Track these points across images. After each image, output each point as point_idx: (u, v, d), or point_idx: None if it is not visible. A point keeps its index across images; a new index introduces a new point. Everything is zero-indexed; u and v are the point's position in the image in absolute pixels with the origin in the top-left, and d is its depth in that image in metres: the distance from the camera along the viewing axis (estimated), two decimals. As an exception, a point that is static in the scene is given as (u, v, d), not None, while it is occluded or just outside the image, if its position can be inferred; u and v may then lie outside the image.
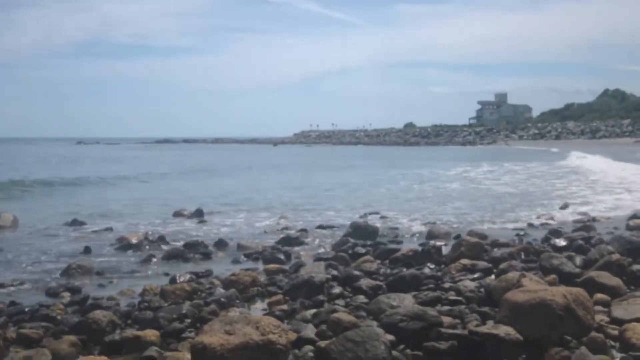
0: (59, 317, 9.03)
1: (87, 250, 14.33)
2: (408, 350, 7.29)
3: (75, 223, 18.37)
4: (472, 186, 32.55)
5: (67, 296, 10.54)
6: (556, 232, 15.18)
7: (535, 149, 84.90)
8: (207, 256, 13.92)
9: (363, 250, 13.47)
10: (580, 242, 13.11)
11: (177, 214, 20.38)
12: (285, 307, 9.49)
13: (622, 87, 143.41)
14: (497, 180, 36.27)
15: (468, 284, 10.00)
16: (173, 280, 11.20)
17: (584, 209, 20.51)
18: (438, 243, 13.74)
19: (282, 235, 16.03)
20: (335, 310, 8.59)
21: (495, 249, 12.81)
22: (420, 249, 12.91)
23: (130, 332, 8.19)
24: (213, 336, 6.52)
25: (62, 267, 12.40)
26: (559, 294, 7.48)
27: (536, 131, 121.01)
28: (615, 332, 7.63)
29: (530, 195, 27.06)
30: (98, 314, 8.60)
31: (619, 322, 7.89)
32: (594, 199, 24.04)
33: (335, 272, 11.12)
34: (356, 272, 10.87)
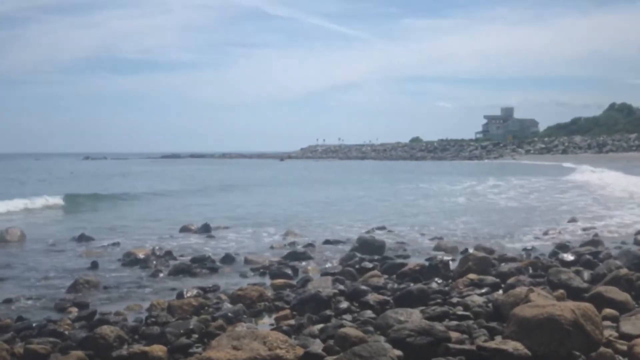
0: (66, 333, 9.03)
1: (94, 266, 14.34)
2: (416, 366, 7.26)
3: (83, 238, 18.39)
4: (478, 201, 32.50)
5: (74, 311, 10.53)
6: (564, 247, 15.13)
7: (543, 164, 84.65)
8: (214, 271, 13.92)
9: (370, 265, 13.46)
10: (588, 256, 13.06)
11: (184, 229, 20.38)
12: (292, 322, 9.47)
13: (629, 101, 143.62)
14: (504, 194, 36.20)
15: (476, 298, 9.97)
16: (180, 296, 11.19)
17: (592, 224, 20.41)
18: (445, 258, 13.70)
19: (289, 250, 16.03)
20: (342, 325, 8.58)
21: (503, 264, 12.78)
22: (427, 263, 12.89)
23: (137, 348, 8.17)
24: (220, 351, 6.52)
25: (69, 283, 12.40)
26: (567, 309, 7.46)
27: (543, 145, 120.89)
28: (624, 347, 7.58)
29: (538, 209, 27.00)
30: (105, 329, 8.60)
31: (627, 337, 7.85)
32: (603, 214, 23.97)
33: (342, 287, 11.11)
34: (363, 287, 10.86)
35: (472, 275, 11.53)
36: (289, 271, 13.54)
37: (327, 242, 17.65)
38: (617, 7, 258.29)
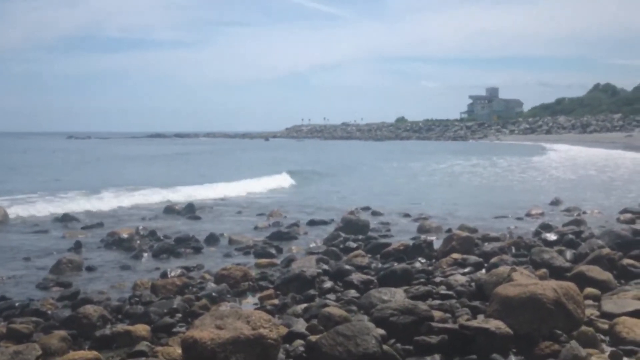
0: (49, 312, 9.02)
1: (77, 245, 14.29)
2: (399, 345, 7.28)
3: (66, 218, 18.31)
4: (463, 180, 32.60)
5: (57, 291, 10.51)
6: (547, 227, 15.21)
7: (526, 144, 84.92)
8: (198, 251, 13.90)
9: (354, 245, 13.49)
10: (570, 236, 13.14)
11: (169, 210, 20.32)
12: (276, 301, 9.49)
13: (613, 81, 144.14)
14: (489, 174, 36.33)
15: (459, 278, 10.02)
16: (164, 275, 11.18)
17: (575, 204, 20.51)
18: (429, 237, 13.77)
19: (273, 230, 16.02)
20: (326, 305, 8.60)
21: (486, 244, 12.82)
22: (411, 243, 12.92)
23: (121, 327, 8.16)
24: (204, 331, 6.50)
25: (52, 263, 12.34)
26: (549, 288, 7.50)
27: (527, 126, 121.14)
28: (606, 326, 7.65)
29: (522, 189, 27.11)
30: (89, 308, 8.58)
31: (609, 316, 7.91)
32: (585, 194, 24.11)
33: (326, 267, 11.12)
34: (347, 267, 10.89)
35: (455, 255, 11.57)
36: (274, 251, 13.55)
37: (311, 222, 17.65)
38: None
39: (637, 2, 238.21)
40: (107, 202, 22.01)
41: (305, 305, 8.99)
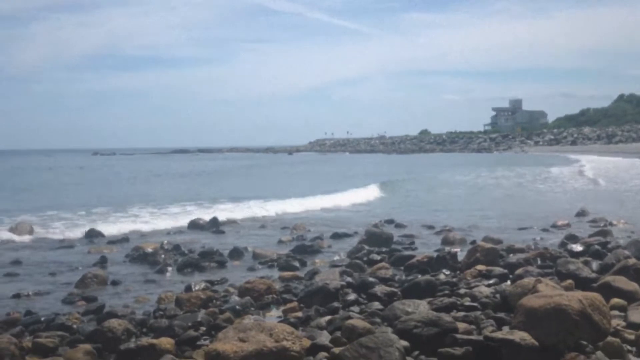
0: (74, 326, 9.06)
1: (103, 260, 14.39)
2: (423, 357, 7.25)
3: (92, 233, 18.44)
4: (487, 192, 32.44)
5: (83, 305, 10.58)
6: (572, 237, 15.08)
7: (552, 155, 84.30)
8: (222, 264, 13.94)
9: (378, 257, 13.47)
10: (596, 247, 13.02)
11: (193, 224, 20.38)
12: (300, 314, 9.48)
13: (638, 92, 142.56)
14: (512, 185, 36.14)
15: (483, 289, 9.96)
16: (188, 289, 11.21)
17: (600, 215, 20.31)
18: (453, 249, 13.70)
19: (297, 244, 16.03)
20: (349, 317, 8.58)
21: (511, 255, 12.77)
22: (435, 255, 12.88)
23: (145, 340, 8.18)
24: (227, 344, 6.52)
25: (78, 277, 12.43)
26: (574, 299, 7.43)
27: (552, 137, 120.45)
28: (632, 337, 7.57)
29: (547, 200, 26.93)
30: (113, 322, 8.62)
31: (635, 326, 7.83)
32: (612, 205, 23.90)
33: (350, 279, 11.11)
34: (371, 279, 10.87)
35: (480, 267, 11.51)
36: (297, 264, 13.56)
37: (335, 235, 17.64)
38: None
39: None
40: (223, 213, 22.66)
41: (328, 317, 8.97)
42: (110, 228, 19.49)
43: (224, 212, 22.83)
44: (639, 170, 44.30)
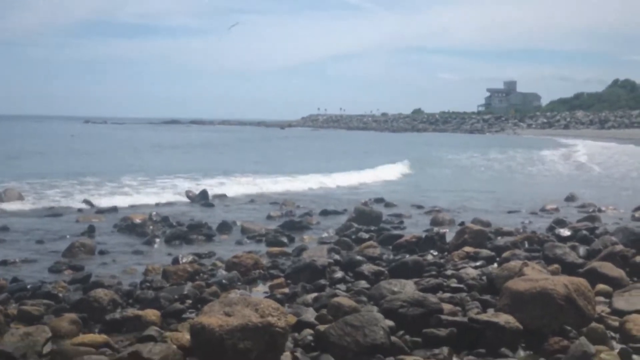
0: (60, 295, 9.06)
1: (91, 229, 14.35)
2: (407, 336, 7.27)
3: (81, 202, 18.39)
4: (479, 174, 32.47)
5: (69, 274, 10.57)
6: (561, 222, 15.11)
7: (544, 138, 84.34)
8: (210, 238, 13.93)
9: (366, 236, 13.48)
10: (584, 232, 13.05)
11: (183, 194, 20.36)
12: (286, 290, 9.50)
13: (632, 77, 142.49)
14: (503, 167, 36.19)
15: (470, 271, 9.98)
16: (176, 261, 11.22)
17: (591, 200, 20.36)
18: (442, 230, 13.74)
19: (286, 219, 16.03)
20: (336, 295, 8.59)
21: (499, 237, 12.79)
22: (423, 235, 12.89)
23: (131, 311, 8.19)
24: (212, 317, 6.51)
25: (65, 246, 12.41)
26: (560, 283, 7.46)
27: (545, 120, 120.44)
28: (616, 324, 7.60)
29: (537, 183, 26.99)
30: (99, 292, 8.61)
31: (620, 313, 7.87)
32: (601, 190, 23.96)
33: (337, 257, 11.12)
34: (359, 257, 10.88)
35: (467, 248, 11.53)
36: (285, 239, 13.55)
37: (324, 212, 17.64)
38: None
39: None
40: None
41: (315, 294, 8.99)
42: (100, 197, 19.45)
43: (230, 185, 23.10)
44: (632, 156, 44.37)
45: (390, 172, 31.11)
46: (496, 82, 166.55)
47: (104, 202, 18.67)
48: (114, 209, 17.46)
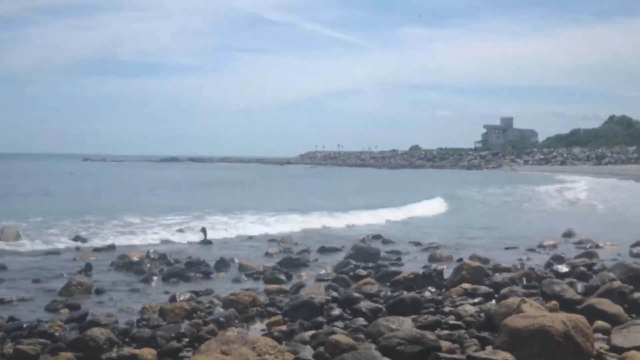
0: (57, 334, 9.02)
1: (88, 268, 14.31)
2: (405, 374, 7.24)
3: (78, 239, 18.36)
4: (477, 209, 32.48)
5: (66, 313, 10.53)
6: (558, 258, 15.12)
7: (541, 175, 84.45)
8: (207, 275, 13.90)
9: (364, 272, 13.45)
10: (582, 268, 13.04)
11: (180, 232, 20.33)
12: (284, 327, 9.47)
13: (629, 113, 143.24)
14: (500, 203, 36.22)
15: (468, 308, 9.96)
16: (173, 299, 11.17)
17: (587, 236, 20.34)
18: (440, 266, 13.69)
19: (283, 256, 16.00)
20: (333, 332, 8.56)
21: (497, 274, 12.77)
22: (421, 272, 12.87)
23: (127, 350, 8.16)
24: (209, 356, 6.50)
25: (62, 284, 12.36)
26: (558, 320, 7.45)
27: (542, 156, 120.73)
28: (615, 360, 7.57)
29: (535, 219, 27.00)
30: (96, 331, 8.58)
31: (618, 350, 7.84)
32: (599, 226, 23.96)
33: (335, 294, 11.10)
34: (356, 294, 10.85)
35: (466, 285, 11.53)
36: (283, 276, 13.52)
37: (322, 248, 17.63)
38: (614, 20, 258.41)
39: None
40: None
41: (312, 332, 8.95)
42: (98, 236, 19.42)
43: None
44: (630, 192, 44.44)
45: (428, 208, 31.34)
46: (493, 119, 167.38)
47: (101, 240, 18.60)
48: (111, 247, 17.41)
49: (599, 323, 8.91)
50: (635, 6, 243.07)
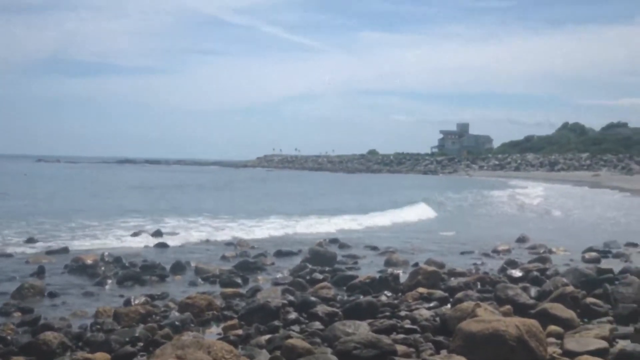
0: (9, 338, 8.87)
1: (41, 270, 14.10)
2: (361, 378, 7.26)
3: (31, 241, 18.09)
4: (430, 215, 32.70)
5: (18, 316, 10.36)
6: (512, 263, 15.30)
7: (495, 180, 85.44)
8: (163, 279, 13.79)
9: (321, 277, 13.48)
10: (535, 273, 13.22)
11: (136, 235, 20.13)
12: (240, 332, 9.42)
13: (582, 121, 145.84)
14: (454, 208, 36.55)
15: (424, 312, 10.04)
16: (128, 303, 11.07)
17: (540, 241, 20.61)
18: (396, 271, 13.78)
19: (240, 260, 15.94)
20: (289, 336, 8.55)
21: (452, 278, 12.88)
22: (378, 276, 12.93)
23: (80, 355, 8.06)
24: (164, 360, 6.44)
25: (14, 287, 12.16)
26: (512, 324, 7.54)
27: (496, 162, 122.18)
28: (567, 364, 7.68)
29: (488, 225, 27.29)
30: (49, 335, 8.47)
31: (571, 354, 7.94)
32: (552, 232, 24.31)
33: (291, 298, 11.08)
34: (313, 298, 10.86)
35: (421, 289, 11.60)
36: (240, 280, 13.47)
37: (279, 252, 17.60)
38: (568, 28, 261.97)
39: (608, 43, 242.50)
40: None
41: (269, 336, 8.93)
42: (51, 238, 19.15)
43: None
44: (583, 198, 45.18)
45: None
46: (449, 125, 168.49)
47: (55, 242, 18.34)
48: (65, 250, 17.16)
49: (552, 327, 9.02)
50: (587, 14, 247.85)
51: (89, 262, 14.78)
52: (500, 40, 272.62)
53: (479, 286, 12.34)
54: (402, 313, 10.13)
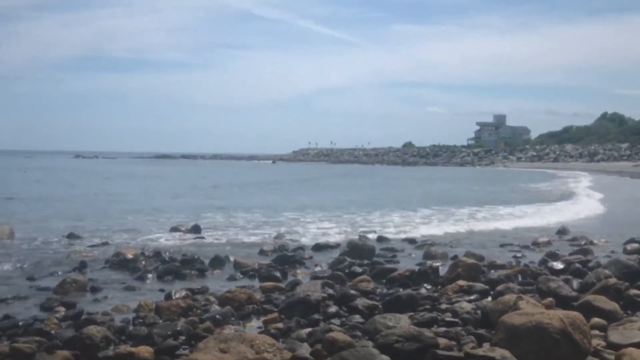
0: (52, 332, 8.99)
1: (82, 265, 14.27)
2: (403, 372, 7.23)
3: (72, 237, 18.31)
4: (473, 207, 32.48)
5: (61, 311, 10.48)
6: (553, 255, 15.13)
7: (534, 171, 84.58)
8: (202, 273, 13.87)
9: (360, 270, 13.45)
10: (577, 265, 13.07)
11: (175, 229, 20.29)
12: (280, 325, 9.45)
13: (621, 111, 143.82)
14: (494, 201, 36.26)
15: (465, 305, 9.97)
16: (168, 297, 11.15)
17: (582, 232, 20.38)
18: (435, 264, 13.71)
19: (278, 254, 15.97)
20: (330, 330, 8.56)
21: (492, 271, 12.78)
22: (417, 269, 12.87)
23: (123, 348, 8.14)
24: (207, 354, 6.48)
25: (57, 282, 12.32)
26: (555, 317, 7.45)
27: (534, 153, 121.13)
28: (612, 357, 7.57)
29: (531, 216, 27.03)
30: (92, 329, 8.56)
31: (615, 346, 7.84)
32: (593, 223, 24.01)
33: (331, 291, 11.08)
34: (352, 292, 10.84)
35: (461, 282, 11.52)
36: (278, 274, 13.50)
37: (317, 246, 17.60)
38: (605, 18, 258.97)
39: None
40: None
41: (309, 329, 8.95)
42: (92, 232, 19.37)
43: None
44: (622, 189, 44.53)
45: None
46: (486, 116, 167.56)
47: (96, 238, 18.55)
48: (106, 244, 17.36)
49: (596, 320, 8.92)
50: (627, 4, 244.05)
51: (130, 256, 14.92)
52: (534, 31, 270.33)
53: (519, 279, 12.23)
54: (443, 306, 10.08)
